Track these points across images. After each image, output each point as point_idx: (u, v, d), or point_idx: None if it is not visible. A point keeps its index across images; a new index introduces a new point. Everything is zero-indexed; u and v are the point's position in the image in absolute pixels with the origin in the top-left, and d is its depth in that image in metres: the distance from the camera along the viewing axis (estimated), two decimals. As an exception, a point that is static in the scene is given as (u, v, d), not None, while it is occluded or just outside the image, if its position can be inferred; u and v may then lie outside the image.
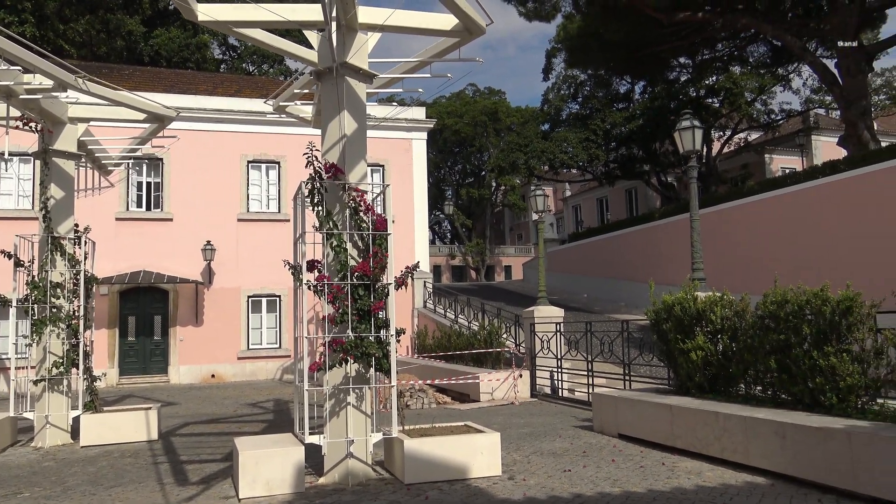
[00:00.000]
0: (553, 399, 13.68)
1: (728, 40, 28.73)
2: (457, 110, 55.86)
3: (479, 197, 60.59)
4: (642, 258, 26.49)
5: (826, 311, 6.64)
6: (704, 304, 8.22)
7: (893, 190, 16.08)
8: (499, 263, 64.85)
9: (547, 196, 16.94)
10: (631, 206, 41.09)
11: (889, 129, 38.41)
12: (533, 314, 14.61)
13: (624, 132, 33.11)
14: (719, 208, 22.26)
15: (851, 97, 21.10)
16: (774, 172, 33.91)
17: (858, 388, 6.42)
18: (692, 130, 10.67)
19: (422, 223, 24.03)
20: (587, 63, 28.50)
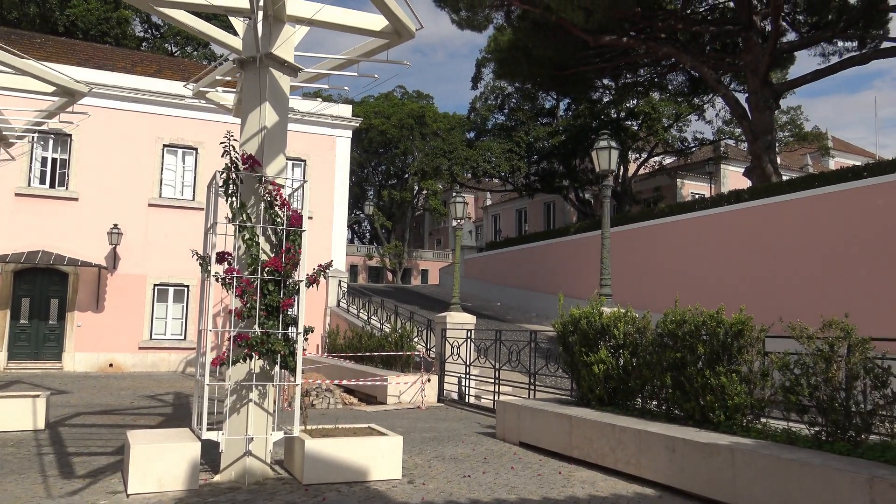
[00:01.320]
0: (459, 405, 13.80)
1: (650, 67, 29.82)
2: (384, 111, 55.71)
3: (400, 199, 60.57)
4: (556, 271, 27.11)
5: (720, 333, 6.98)
6: (609, 320, 8.49)
7: (790, 221, 17.06)
8: (416, 267, 64.97)
9: (467, 204, 17.11)
10: (548, 220, 41.99)
11: (791, 164, 40.74)
12: (445, 319, 14.71)
13: (546, 146, 33.83)
14: (631, 227, 23.04)
15: (758, 131, 22.26)
16: (685, 197, 35.40)
17: (745, 407, 6.76)
18: (609, 150, 11.03)
19: (341, 222, 23.82)
20: (515, 76, 28.97)
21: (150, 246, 20.89)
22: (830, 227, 16.00)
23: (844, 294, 14.91)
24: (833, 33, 23.87)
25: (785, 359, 6.38)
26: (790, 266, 16.66)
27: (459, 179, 35.33)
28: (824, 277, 15.74)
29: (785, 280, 16.62)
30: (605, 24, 22.45)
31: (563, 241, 27.73)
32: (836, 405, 5.86)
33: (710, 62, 25.50)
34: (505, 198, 47.14)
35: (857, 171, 17.22)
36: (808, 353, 6.11)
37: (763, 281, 17.13)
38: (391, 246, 60.85)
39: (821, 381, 5.96)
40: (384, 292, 35.40)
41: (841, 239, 15.63)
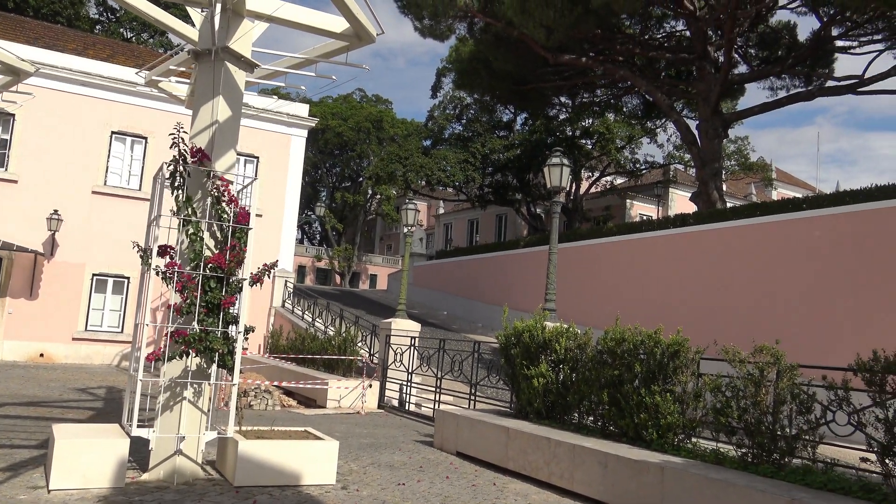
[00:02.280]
0: (400, 412, 13.76)
1: (607, 88, 30.40)
2: (342, 113, 55.44)
3: (353, 202, 60.24)
4: (504, 283, 27.31)
5: (657, 353, 7.13)
6: (551, 334, 8.59)
7: (732, 248, 17.56)
8: (365, 271, 64.66)
9: (419, 211, 17.12)
10: (500, 232, 42.30)
11: (736, 192, 41.97)
12: (390, 325, 14.67)
13: (502, 159, 34.13)
14: (580, 244, 23.39)
15: (707, 158, 22.89)
16: (633, 217, 36.10)
17: (677, 426, 6.92)
18: (561, 167, 11.19)
19: (291, 221, 23.57)
20: (475, 87, 29.18)
21: (91, 234, 20.28)
22: (770, 255, 16.52)
23: (778, 321, 15.40)
24: (782, 69, 24.73)
25: (717, 381, 6.55)
26: (729, 291, 17.14)
27: (413, 186, 35.35)
28: (761, 304, 16.23)
29: (723, 304, 17.09)
30: (566, 44, 22.81)
31: (512, 253, 27.96)
32: (763, 428, 6.04)
33: (664, 88, 26.13)
34: (458, 207, 47.33)
35: (797, 203, 17.85)
36: (739, 377, 6.29)
37: (703, 304, 17.57)
38: (341, 249, 60.44)
39: (749, 404, 6.14)
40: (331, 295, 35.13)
41: (779, 267, 16.15)
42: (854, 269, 14.51)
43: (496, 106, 34.69)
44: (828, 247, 15.19)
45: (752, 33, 26.10)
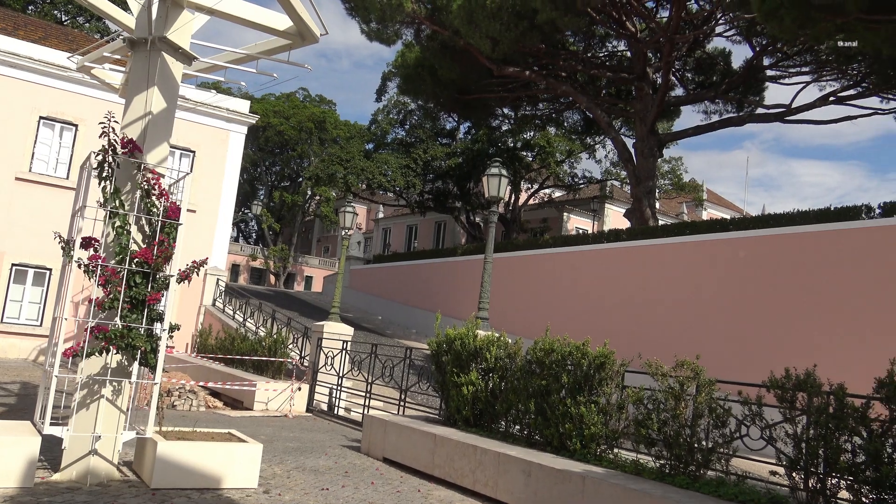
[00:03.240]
0: (328, 416, 13.62)
1: (549, 102, 30.89)
2: (285, 111, 54.73)
3: (292, 202, 59.45)
4: (440, 290, 27.38)
5: (584, 364, 7.28)
6: (482, 343, 8.66)
7: (662, 264, 18.07)
8: (301, 272, 63.85)
9: (357, 214, 17.03)
10: (438, 239, 42.41)
11: (668, 210, 43.23)
12: (322, 329, 14.52)
13: (443, 167, 34.27)
14: (517, 255, 23.66)
15: (642, 176, 23.50)
16: (570, 230, 36.75)
17: (600, 436, 7.07)
18: (499, 178, 11.32)
19: (226, 219, 23.08)
20: (419, 94, 29.20)
21: (12, 222, 19.40)
22: (697, 273, 17.06)
23: (701, 336, 15.91)
24: (716, 94, 25.62)
25: (640, 394, 6.73)
26: (658, 306, 17.61)
27: (354, 189, 35.13)
28: (686, 319, 16.74)
29: (652, 318, 17.55)
30: (510, 56, 23.09)
31: (450, 261, 28.08)
32: (681, 440, 6.23)
33: (604, 105, 26.72)
34: (397, 212, 47.27)
35: (724, 223, 18.50)
36: (661, 390, 6.47)
37: (632, 317, 18.00)
38: (277, 249, 59.54)
39: (669, 416, 6.33)
40: (264, 295, 34.55)
41: (706, 285, 16.69)
42: (774, 290, 15.12)
43: (440, 113, 34.83)
44: (751, 267, 15.78)
45: (689, 58, 26.97)
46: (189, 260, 6.98)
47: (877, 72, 20.82)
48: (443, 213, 37.01)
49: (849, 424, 5.26)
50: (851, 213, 14.87)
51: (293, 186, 61.62)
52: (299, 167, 60.18)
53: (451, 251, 30.24)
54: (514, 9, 19.97)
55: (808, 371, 5.62)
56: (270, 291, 42.47)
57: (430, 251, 34.72)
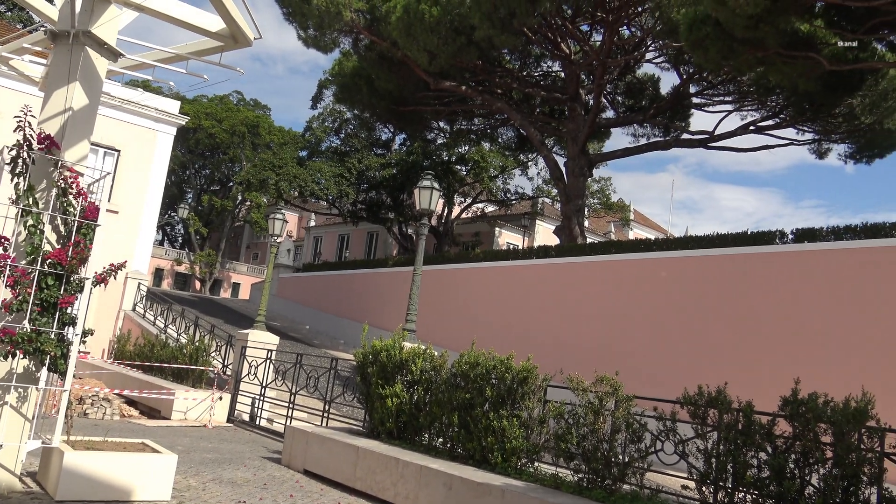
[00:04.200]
0: (250, 427, 13.32)
1: (484, 118, 31.24)
2: (217, 114, 53.56)
3: (221, 207, 58.09)
4: (370, 301, 27.21)
5: (507, 378, 7.35)
6: (408, 355, 8.65)
7: (588, 281, 18.46)
8: (228, 279, 62.43)
9: (287, 222, 16.78)
10: (370, 249, 42.18)
11: (597, 229, 44.26)
12: (247, 337, 14.22)
13: (377, 177, 34.18)
14: (448, 268, 23.76)
15: (572, 194, 24.00)
16: (501, 245, 37.16)
17: (521, 450, 7.14)
18: (431, 191, 11.36)
19: (150, 221, 22.37)
20: (355, 103, 29.06)
21: (-85, 217, 18.30)
22: (622, 290, 17.49)
23: (623, 353, 16.30)
24: (644, 118, 26.44)
25: (561, 408, 6.84)
26: (583, 322, 17.97)
27: (286, 196, 34.63)
28: (610, 336, 17.13)
29: (577, 334, 17.89)
30: (448, 70, 23.27)
31: (380, 271, 27.96)
32: (599, 455, 6.36)
33: (537, 124, 27.20)
34: (329, 221, 46.82)
35: (648, 244, 19.03)
36: (581, 405, 6.60)
37: (559, 333, 18.30)
38: (204, 254, 58.05)
39: (588, 431, 6.46)
40: (189, 301, 33.60)
41: (629, 303, 17.13)
42: (692, 309, 15.65)
43: (376, 124, 34.74)
44: (672, 287, 16.30)
45: (620, 82, 27.78)
46: (108, 262, 6.73)
47: (793, 104, 21.93)
48: (375, 223, 36.87)
49: (755, 440, 5.48)
50: (766, 238, 15.54)
51: (223, 191, 60.26)
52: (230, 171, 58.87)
53: (382, 262, 30.13)
54: (452, 24, 20.16)
55: (719, 388, 5.84)
56: (195, 297, 41.34)
57: (361, 261, 34.51)
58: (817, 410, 5.25)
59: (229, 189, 58.91)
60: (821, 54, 15.76)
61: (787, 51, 15.47)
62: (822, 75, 16.95)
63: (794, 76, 16.62)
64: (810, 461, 5.27)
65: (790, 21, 14.73)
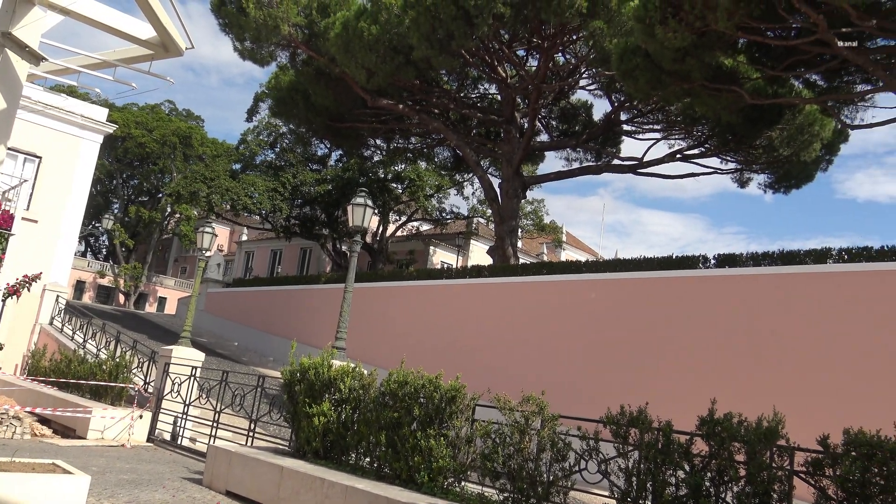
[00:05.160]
0: (171, 446, 12.88)
1: (421, 137, 31.40)
2: (148, 123, 52.18)
3: (149, 219, 56.42)
4: (302, 317, 26.82)
5: (435, 398, 7.35)
6: (336, 373, 8.55)
7: (519, 301, 18.67)
8: (154, 293, 60.53)
9: (217, 236, 16.44)
10: (303, 265, 41.65)
11: (530, 250, 44.90)
12: (171, 353, 13.79)
13: (312, 193, 33.84)
14: (381, 286, 23.66)
15: (505, 215, 24.31)
16: (435, 264, 37.24)
17: (448, 470, 7.13)
18: (364, 208, 11.34)
19: (72, 231, 21.52)
20: (291, 118, 28.76)
21: None
22: (552, 311, 17.76)
23: (552, 372, 16.53)
24: (577, 143, 27.07)
25: (488, 427, 6.88)
26: (514, 341, 18.14)
27: (217, 209, 33.90)
28: (540, 355, 17.34)
29: (508, 353, 18.04)
30: (386, 88, 23.34)
31: (313, 288, 27.62)
32: (525, 474, 6.41)
33: (473, 144, 27.51)
34: (262, 236, 46.06)
35: (578, 265, 19.44)
36: (507, 424, 6.65)
37: (490, 352, 18.43)
38: (129, 267, 56.19)
39: (514, 450, 6.50)
40: (111, 316, 32.43)
41: (559, 323, 17.40)
42: (619, 330, 16.00)
43: (312, 139, 34.43)
44: (601, 308, 16.65)
45: (555, 106, 28.41)
46: (22, 273, 6.44)
47: (718, 135, 22.85)
48: (309, 239, 36.46)
49: (674, 459, 5.63)
50: (690, 263, 16.08)
51: (152, 202, 58.58)
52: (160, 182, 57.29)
53: (314, 278, 29.77)
54: (390, 43, 20.25)
55: (640, 408, 5.99)
56: (118, 312, 39.91)
57: (293, 277, 34.01)
58: (732, 430, 5.44)
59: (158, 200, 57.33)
60: (743, 88, 16.51)
61: (711, 83, 16.15)
62: (744, 108, 17.74)
63: (718, 108, 17.34)
64: (725, 479, 5.45)
65: (715, 56, 15.41)
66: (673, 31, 13.77)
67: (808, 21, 13.70)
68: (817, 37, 13.82)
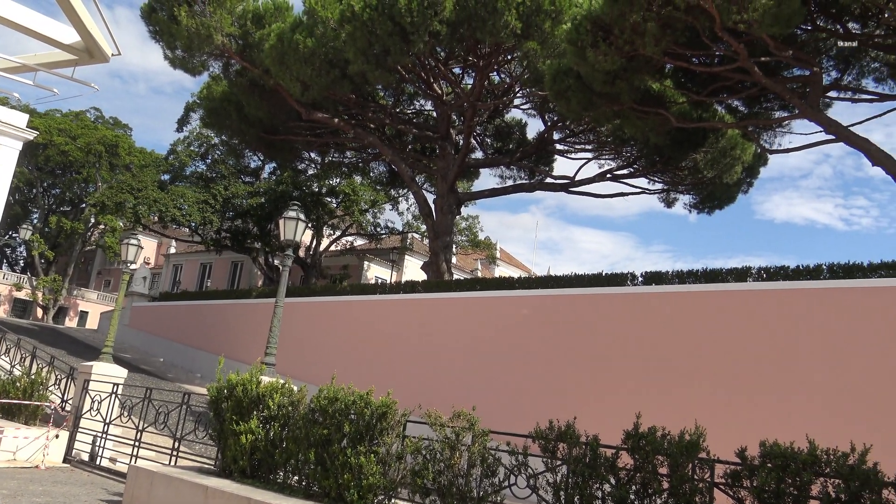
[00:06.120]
0: (89, 467, 12.35)
1: (357, 152, 31.29)
2: (72, 130, 50.30)
3: (71, 230, 54.24)
4: (232, 333, 26.19)
5: (366, 414, 7.27)
6: (265, 390, 8.37)
7: (453, 317, 18.73)
8: (75, 307, 58.14)
9: (143, 248, 15.94)
10: (234, 279, 40.78)
11: (464, 266, 45.17)
12: (91, 370, 13.26)
13: (244, 205, 33.24)
14: (314, 300, 23.35)
15: (440, 231, 24.41)
16: (369, 279, 37.05)
17: (378, 487, 7.05)
18: (296, 221, 11.20)
19: (-14, 242, 20.50)
20: (223, 129, 28.19)
21: None
22: (485, 327, 17.87)
23: (485, 388, 16.61)
24: (511, 160, 27.48)
25: (418, 443, 6.85)
26: (447, 357, 18.16)
27: (144, 221, 32.91)
28: (473, 371, 17.41)
29: (441, 369, 18.05)
30: (321, 102, 23.19)
31: (243, 303, 27.05)
32: (454, 490, 6.40)
33: (408, 160, 27.60)
34: (191, 249, 44.91)
35: (511, 282, 19.64)
36: (438, 440, 6.64)
37: (424, 368, 18.39)
38: (48, 279, 53.85)
39: (444, 466, 6.49)
40: (27, 330, 31.00)
41: (492, 339, 17.51)
42: (551, 346, 16.23)
43: (244, 151, 33.85)
44: (533, 324, 16.85)
45: (490, 124, 28.80)
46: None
47: (646, 156, 23.59)
48: (241, 252, 35.75)
49: (600, 473, 5.73)
50: (619, 280, 16.47)
51: (75, 213, 56.37)
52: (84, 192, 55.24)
53: (245, 293, 29.17)
54: (326, 56, 20.15)
55: (568, 423, 6.07)
56: (35, 326, 38.16)
57: (223, 292, 33.25)
58: (656, 443, 5.58)
59: (81, 211, 55.25)
60: (669, 111, 17.12)
61: (640, 106, 16.69)
62: (671, 131, 18.39)
63: (646, 130, 17.91)
64: (649, 492, 5.57)
65: (643, 79, 15.94)
66: (603, 54, 14.19)
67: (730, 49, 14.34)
68: (738, 64, 14.48)
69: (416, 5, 17.82)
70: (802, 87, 17.02)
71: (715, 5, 12.57)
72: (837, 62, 18.04)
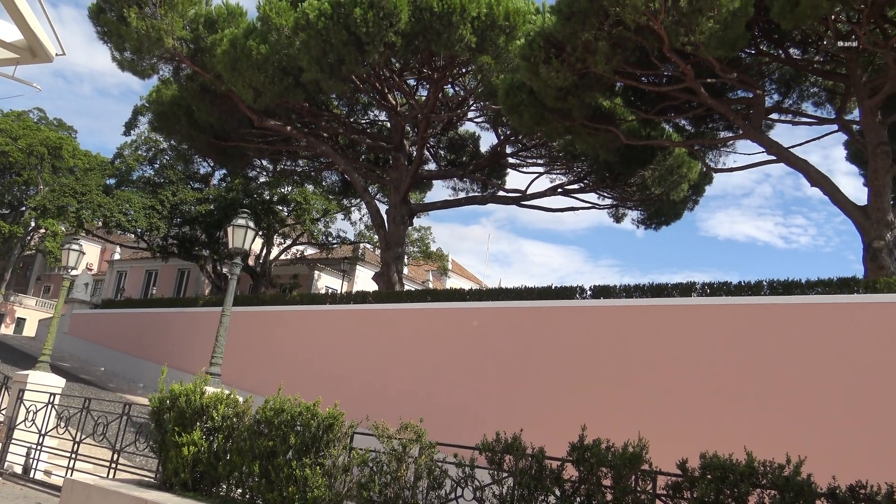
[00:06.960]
0: (22, 480, 11.88)
1: (309, 160, 31.05)
2: (13, 131, 48.65)
3: (9, 233, 52.32)
4: (177, 342, 25.61)
5: (313, 426, 7.19)
6: (209, 400, 8.21)
7: (403, 328, 18.68)
8: (11, 313, 56.09)
9: (84, 253, 15.49)
10: (180, 287, 39.92)
11: (416, 277, 45.12)
12: (26, 379, 12.80)
13: (193, 212, 32.58)
14: (263, 310, 23.01)
15: (392, 242, 24.36)
16: (319, 289, 36.69)
17: (323, 500, 6.96)
18: (245, 229, 11.04)
19: (-84, 244, 19.64)
20: (172, 133, 27.62)
21: None
22: (435, 338, 17.88)
23: (434, 400, 16.60)
24: (464, 173, 27.63)
25: (365, 455, 6.80)
26: (396, 369, 18.10)
27: (87, 226, 31.97)
28: (422, 383, 17.38)
29: (391, 380, 17.96)
30: (273, 109, 22.95)
31: (190, 311, 26.49)
32: (401, 502, 6.37)
33: (361, 170, 27.50)
34: (136, 256, 43.80)
35: (462, 293, 19.70)
36: (385, 452, 6.60)
37: (373, 379, 18.28)
38: (-17, 284, 51.82)
39: (391, 478, 6.46)
40: (-41, 337, 29.76)
41: (442, 351, 17.52)
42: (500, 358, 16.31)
43: (194, 157, 33.25)
44: (483, 336, 16.93)
45: (443, 136, 28.92)
46: None
47: (596, 172, 23.99)
48: (188, 260, 35.01)
49: (546, 485, 5.77)
50: (568, 293, 16.67)
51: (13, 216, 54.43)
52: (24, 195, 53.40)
53: (192, 301, 28.58)
54: (280, 63, 19.97)
55: (515, 435, 6.11)
56: (-32, 333, 36.67)
57: (169, 300, 32.49)
58: (600, 455, 5.65)
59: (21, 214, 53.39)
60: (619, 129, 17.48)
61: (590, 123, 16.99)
62: (620, 148, 18.76)
63: (596, 146, 18.23)
64: (594, 503, 5.63)
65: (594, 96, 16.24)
66: (556, 70, 14.43)
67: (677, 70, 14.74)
68: (686, 84, 14.88)
69: (372, 16, 17.83)
70: (746, 108, 17.58)
71: (664, 27, 12.91)
72: (779, 86, 18.72)
